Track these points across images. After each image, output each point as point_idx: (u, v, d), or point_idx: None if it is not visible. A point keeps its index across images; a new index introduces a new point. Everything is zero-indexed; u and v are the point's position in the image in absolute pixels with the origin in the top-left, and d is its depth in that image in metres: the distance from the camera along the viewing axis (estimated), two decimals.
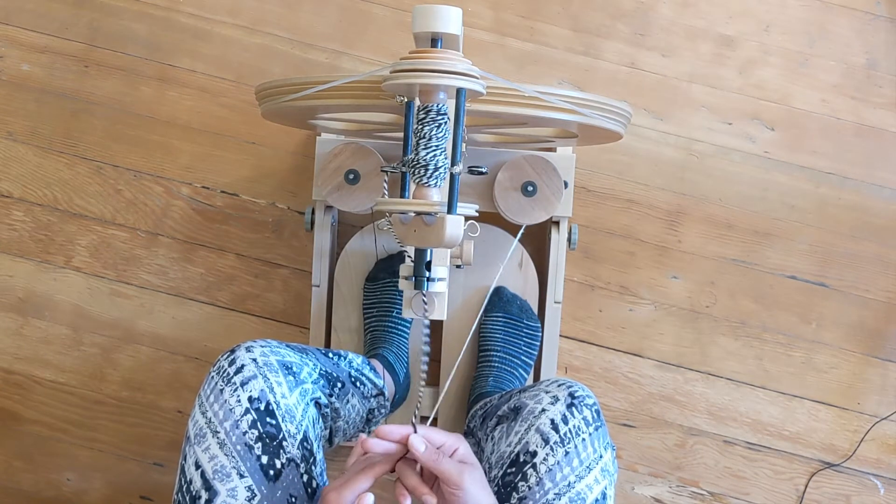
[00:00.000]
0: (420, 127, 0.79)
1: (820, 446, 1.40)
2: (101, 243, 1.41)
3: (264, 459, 0.85)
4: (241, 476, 0.84)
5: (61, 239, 1.41)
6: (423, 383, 0.87)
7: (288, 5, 1.43)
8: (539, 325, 1.28)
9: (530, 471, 0.86)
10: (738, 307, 1.40)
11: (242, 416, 0.86)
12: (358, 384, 1.03)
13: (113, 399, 1.40)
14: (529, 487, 0.86)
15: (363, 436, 0.85)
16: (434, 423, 1.32)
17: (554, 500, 0.85)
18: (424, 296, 0.84)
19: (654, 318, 1.40)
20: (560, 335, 1.31)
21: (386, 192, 1.01)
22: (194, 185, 1.41)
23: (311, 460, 0.89)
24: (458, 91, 0.76)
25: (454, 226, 0.76)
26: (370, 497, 0.79)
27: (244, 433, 0.85)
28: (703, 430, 1.39)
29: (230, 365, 0.89)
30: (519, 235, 1.14)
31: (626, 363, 1.40)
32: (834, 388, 1.40)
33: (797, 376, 1.40)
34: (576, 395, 0.91)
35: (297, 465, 0.87)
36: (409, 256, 0.85)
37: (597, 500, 0.87)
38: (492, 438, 0.97)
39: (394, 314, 1.25)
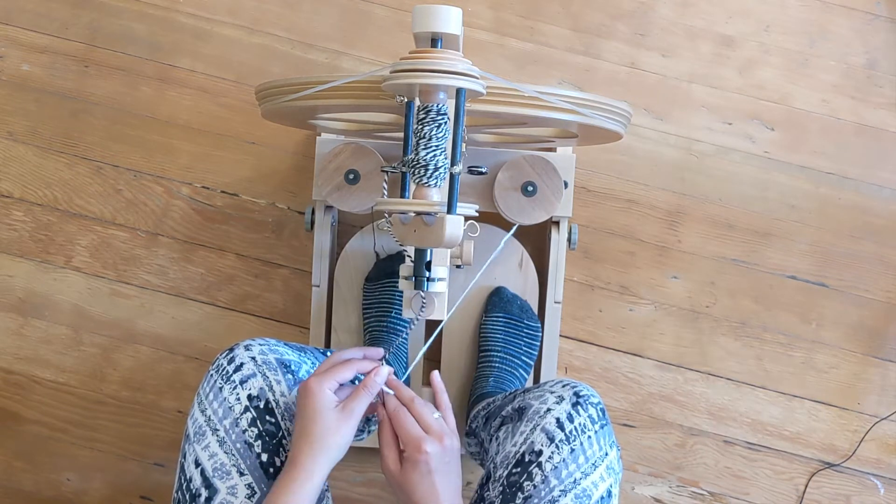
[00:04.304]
0: (420, 127, 0.79)
1: (820, 446, 1.40)
2: (101, 243, 1.41)
3: (264, 457, 0.85)
4: (241, 474, 0.84)
5: (61, 239, 1.41)
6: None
7: (288, 5, 1.43)
8: (539, 325, 1.28)
9: (535, 470, 0.87)
10: (738, 307, 1.40)
11: (242, 414, 0.86)
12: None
13: (113, 399, 1.40)
14: (535, 486, 0.86)
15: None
16: None
17: (559, 496, 0.85)
18: (424, 296, 0.84)
19: (654, 318, 1.40)
20: (560, 335, 1.31)
21: (385, 192, 1.02)
22: (194, 185, 1.41)
23: None
24: (458, 91, 0.76)
25: (454, 226, 0.76)
26: (386, 369, 0.86)
27: (244, 431, 0.85)
28: (703, 430, 1.39)
29: (229, 363, 0.89)
30: (511, 232, 1.14)
31: (626, 363, 1.40)
32: (834, 388, 1.40)
33: (797, 376, 1.40)
34: (581, 394, 0.91)
35: None
36: (408, 256, 0.85)
37: (602, 497, 0.87)
38: (496, 439, 0.97)
39: (393, 314, 1.25)
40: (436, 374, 0.92)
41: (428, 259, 0.83)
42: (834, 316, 1.41)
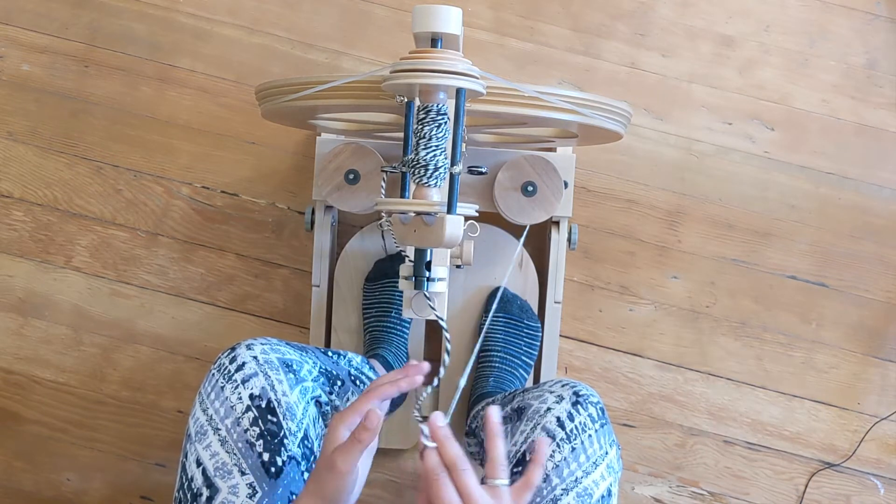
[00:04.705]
0: (420, 127, 0.79)
1: (820, 446, 1.40)
2: (101, 243, 1.41)
3: (266, 457, 0.85)
4: (243, 473, 0.84)
5: (61, 239, 1.41)
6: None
7: (288, 5, 1.43)
8: (539, 325, 1.28)
9: None
10: (738, 307, 1.40)
11: (244, 414, 0.86)
12: (357, 383, 1.04)
13: (113, 399, 1.40)
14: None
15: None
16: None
17: (561, 495, 0.85)
18: (428, 296, 0.84)
19: (654, 318, 1.40)
20: (560, 335, 1.31)
21: (384, 192, 1.02)
22: (194, 185, 1.41)
23: (312, 458, 0.89)
24: (458, 91, 0.76)
25: (454, 226, 0.76)
26: (376, 413, 0.73)
27: (245, 430, 0.85)
28: (703, 430, 1.39)
29: (231, 362, 0.89)
30: (523, 239, 1.14)
31: (626, 363, 1.40)
32: (834, 388, 1.40)
33: (797, 376, 1.40)
34: (580, 393, 0.91)
35: (298, 463, 0.87)
36: (407, 257, 0.85)
37: (603, 496, 0.87)
38: None
39: (392, 314, 1.25)
40: (493, 411, 0.73)
41: (428, 259, 0.83)
42: (834, 316, 1.41)
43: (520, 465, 0.88)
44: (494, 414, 0.74)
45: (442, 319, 0.81)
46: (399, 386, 0.81)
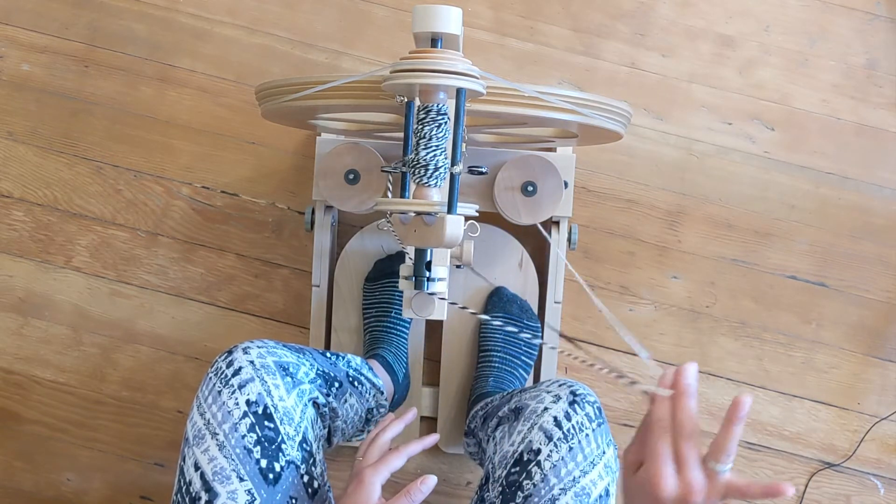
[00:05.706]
0: (420, 127, 0.79)
1: (820, 446, 1.40)
2: (101, 243, 1.41)
3: (263, 463, 0.85)
4: (241, 479, 0.84)
5: (61, 239, 1.41)
6: None
7: (288, 5, 1.43)
8: (539, 325, 1.28)
9: (535, 468, 0.87)
10: (738, 307, 1.40)
11: (241, 420, 0.85)
12: (356, 384, 1.03)
13: (113, 399, 1.40)
14: (534, 485, 0.86)
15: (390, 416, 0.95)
16: (434, 424, 1.32)
17: (559, 495, 0.85)
18: (435, 296, 0.84)
19: (654, 318, 1.40)
20: (560, 335, 1.31)
21: (390, 192, 1.02)
22: (194, 185, 1.41)
23: (311, 461, 0.89)
24: (458, 91, 0.76)
25: (454, 226, 0.76)
26: (433, 478, 0.85)
27: (243, 436, 0.85)
28: (703, 430, 1.39)
29: (228, 367, 0.88)
30: (546, 235, 1.14)
31: (626, 363, 1.40)
32: (834, 388, 1.40)
33: (797, 376, 1.40)
34: (577, 392, 0.91)
35: (297, 467, 0.87)
36: (409, 256, 0.85)
37: (600, 496, 0.87)
38: (493, 439, 0.98)
39: (392, 314, 1.25)
40: (746, 400, 0.66)
41: (428, 259, 0.83)
42: (834, 316, 1.41)
43: (518, 465, 0.88)
44: (746, 402, 0.66)
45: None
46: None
